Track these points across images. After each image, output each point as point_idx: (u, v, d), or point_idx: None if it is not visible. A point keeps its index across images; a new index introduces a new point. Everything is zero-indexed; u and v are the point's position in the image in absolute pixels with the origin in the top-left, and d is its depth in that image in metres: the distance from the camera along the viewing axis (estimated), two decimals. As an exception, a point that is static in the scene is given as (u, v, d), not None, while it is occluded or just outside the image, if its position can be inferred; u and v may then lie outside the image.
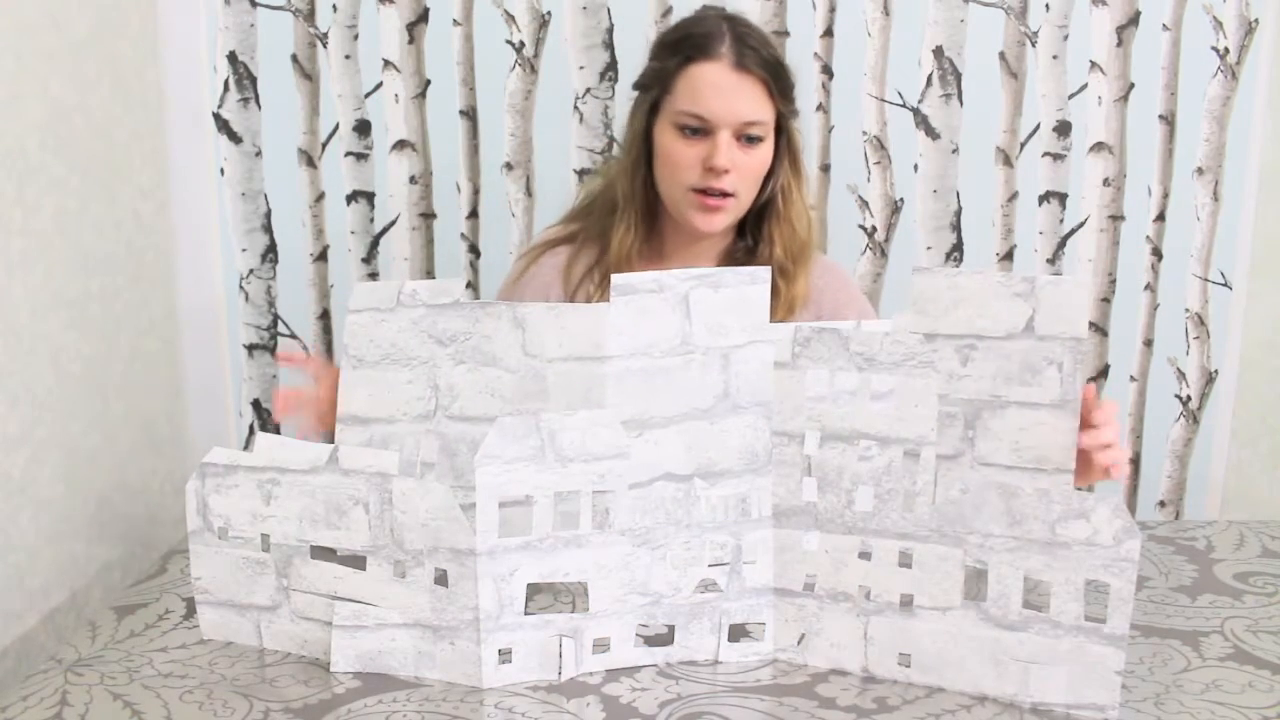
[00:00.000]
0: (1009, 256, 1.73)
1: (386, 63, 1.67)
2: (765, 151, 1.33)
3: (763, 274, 1.07)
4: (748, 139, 1.31)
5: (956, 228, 1.72)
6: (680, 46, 1.33)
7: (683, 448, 1.06)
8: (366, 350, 1.15)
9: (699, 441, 1.06)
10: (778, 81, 1.32)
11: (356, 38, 1.66)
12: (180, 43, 1.64)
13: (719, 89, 1.29)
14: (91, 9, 1.43)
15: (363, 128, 1.69)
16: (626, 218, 1.38)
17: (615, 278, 1.06)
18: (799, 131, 1.39)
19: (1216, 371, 1.76)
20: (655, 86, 1.34)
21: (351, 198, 1.71)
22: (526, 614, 1.04)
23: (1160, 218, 1.72)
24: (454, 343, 1.13)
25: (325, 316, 1.75)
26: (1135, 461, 1.79)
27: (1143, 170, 1.70)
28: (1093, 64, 1.67)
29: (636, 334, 1.05)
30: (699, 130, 1.30)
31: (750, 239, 1.40)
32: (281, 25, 1.66)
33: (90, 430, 1.43)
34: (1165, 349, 1.75)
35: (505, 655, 1.04)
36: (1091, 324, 1.75)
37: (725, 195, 1.31)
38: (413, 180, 1.71)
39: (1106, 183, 1.71)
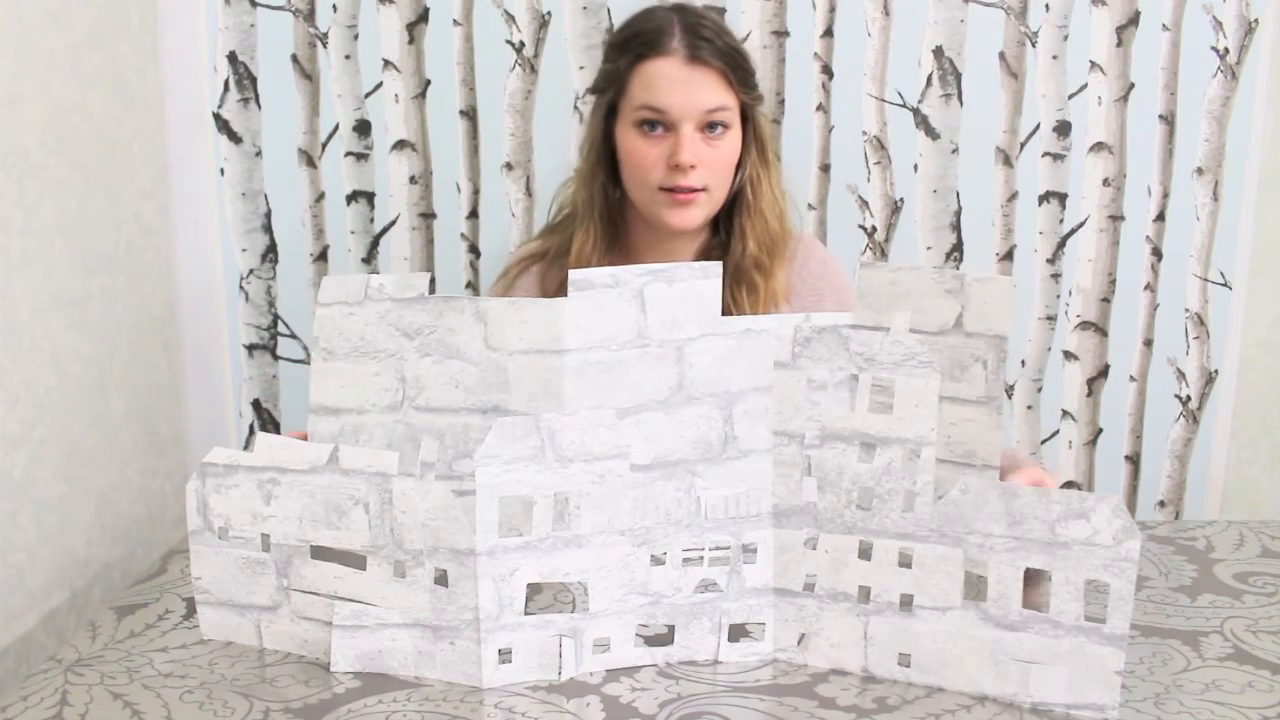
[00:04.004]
0: (1009, 256, 1.73)
1: (386, 63, 1.67)
2: (732, 141, 1.31)
3: (714, 269, 1.06)
4: (710, 128, 1.28)
5: (956, 228, 1.72)
6: (630, 45, 1.31)
7: (640, 438, 1.06)
8: (336, 343, 1.15)
9: (656, 432, 1.06)
10: (735, 70, 1.29)
11: (356, 38, 1.66)
12: (180, 43, 1.64)
13: (674, 82, 1.27)
14: (91, 9, 1.43)
15: (363, 128, 1.69)
16: (585, 224, 1.37)
17: (573, 273, 1.04)
18: (766, 119, 1.36)
19: (1216, 371, 1.76)
20: (610, 88, 1.32)
21: (351, 198, 1.71)
22: (526, 614, 1.04)
23: (1160, 218, 1.72)
24: (419, 336, 1.13)
25: (325, 316, 1.75)
26: (1135, 461, 1.79)
27: (1143, 170, 1.70)
28: (1093, 64, 1.67)
29: (593, 328, 1.05)
30: (659, 125, 1.28)
31: (724, 234, 1.37)
32: (281, 25, 1.66)
33: (90, 430, 1.43)
34: (1165, 349, 1.75)
35: (505, 655, 1.04)
36: (1091, 324, 1.75)
37: (694, 190, 1.29)
38: (413, 180, 1.71)
39: (1106, 183, 1.71)
